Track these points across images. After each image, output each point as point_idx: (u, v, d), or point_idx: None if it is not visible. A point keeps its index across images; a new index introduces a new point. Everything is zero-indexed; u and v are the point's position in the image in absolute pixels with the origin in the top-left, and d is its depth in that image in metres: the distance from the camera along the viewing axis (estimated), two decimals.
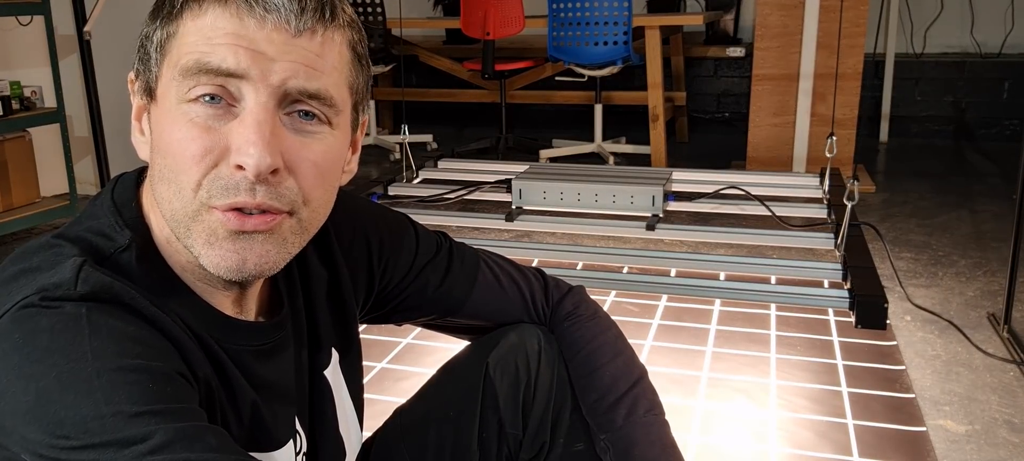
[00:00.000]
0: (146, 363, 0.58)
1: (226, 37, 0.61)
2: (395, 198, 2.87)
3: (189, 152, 0.62)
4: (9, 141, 2.97)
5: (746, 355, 1.99)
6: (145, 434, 0.54)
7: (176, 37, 0.63)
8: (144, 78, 0.66)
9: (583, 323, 0.97)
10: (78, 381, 0.55)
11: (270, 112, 0.62)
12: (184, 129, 0.62)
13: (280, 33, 0.62)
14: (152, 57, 0.65)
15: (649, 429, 0.89)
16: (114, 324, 0.59)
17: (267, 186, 0.62)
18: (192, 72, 0.61)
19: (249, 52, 0.61)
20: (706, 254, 2.59)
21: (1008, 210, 3.13)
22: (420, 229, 0.94)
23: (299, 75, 0.63)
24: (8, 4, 2.86)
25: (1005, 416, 1.69)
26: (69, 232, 0.66)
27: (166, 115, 0.63)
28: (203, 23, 0.61)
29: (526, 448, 0.93)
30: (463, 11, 4.09)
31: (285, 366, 0.76)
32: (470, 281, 0.94)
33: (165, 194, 0.64)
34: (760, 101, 3.66)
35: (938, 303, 2.28)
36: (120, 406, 0.55)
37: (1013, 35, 4.62)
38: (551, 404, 0.93)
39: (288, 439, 0.75)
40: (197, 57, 0.61)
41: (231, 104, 0.62)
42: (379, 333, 2.09)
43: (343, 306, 0.84)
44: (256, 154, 0.60)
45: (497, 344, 0.94)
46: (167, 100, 0.63)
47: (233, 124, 0.62)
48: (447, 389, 0.97)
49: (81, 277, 0.60)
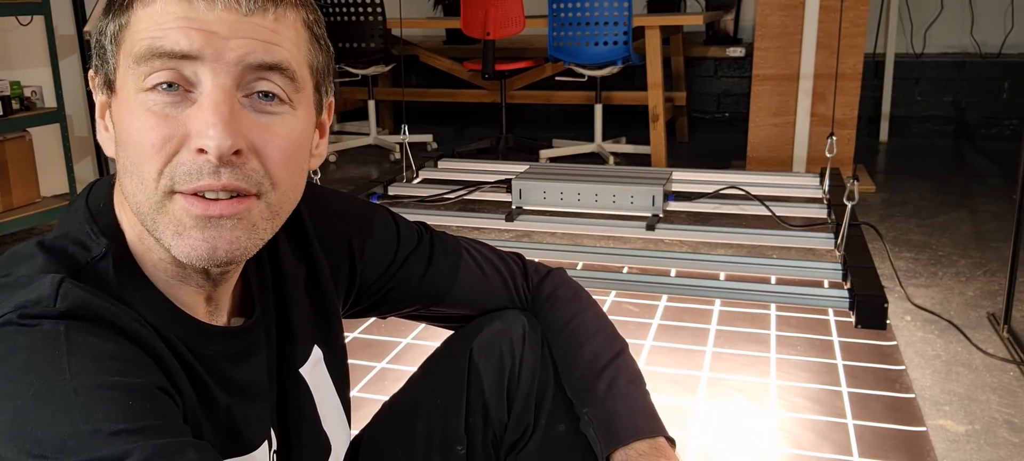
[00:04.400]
0: (125, 380, 0.57)
1: (177, 21, 0.60)
2: (395, 198, 2.87)
3: (148, 141, 0.61)
4: (9, 141, 2.97)
5: (746, 355, 1.99)
6: (123, 452, 0.53)
7: (128, 27, 0.63)
8: (102, 73, 0.66)
9: (563, 303, 0.98)
10: (55, 399, 0.54)
11: (228, 93, 0.61)
12: (142, 119, 0.61)
13: (230, 13, 0.61)
14: (107, 50, 0.65)
15: (631, 400, 0.90)
16: (93, 341, 0.58)
17: (231, 168, 0.61)
18: (145, 58, 0.61)
19: (201, 32, 0.60)
20: (706, 254, 2.59)
21: (1008, 210, 3.13)
22: (400, 220, 0.94)
23: (256, 50, 0.62)
24: (8, 4, 2.86)
25: (1005, 416, 1.69)
26: (47, 241, 0.65)
27: (125, 106, 0.63)
28: (153, 10, 0.61)
29: (511, 431, 0.93)
30: (463, 11, 4.09)
31: (258, 368, 0.75)
32: (453, 270, 0.94)
33: (129, 187, 0.63)
34: (760, 101, 3.66)
35: (938, 303, 2.28)
36: (98, 424, 0.54)
37: (1013, 35, 4.62)
38: (535, 387, 0.93)
39: (263, 440, 0.75)
40: (148, 42, 0.61)
41: (188, 90, 0.61)
42: (379, 333, 2.09)
43: (324, 301, 0.84)
44: (216, 135, 0.60)
45: (481, 330, 0.94)
46: (125, 91, 0.63)
47: (191, 109, 0.61)
48: (433, 378, 0.97)
49: (60, 293, 0.59)
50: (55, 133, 3.06)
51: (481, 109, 5.16)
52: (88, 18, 2.91)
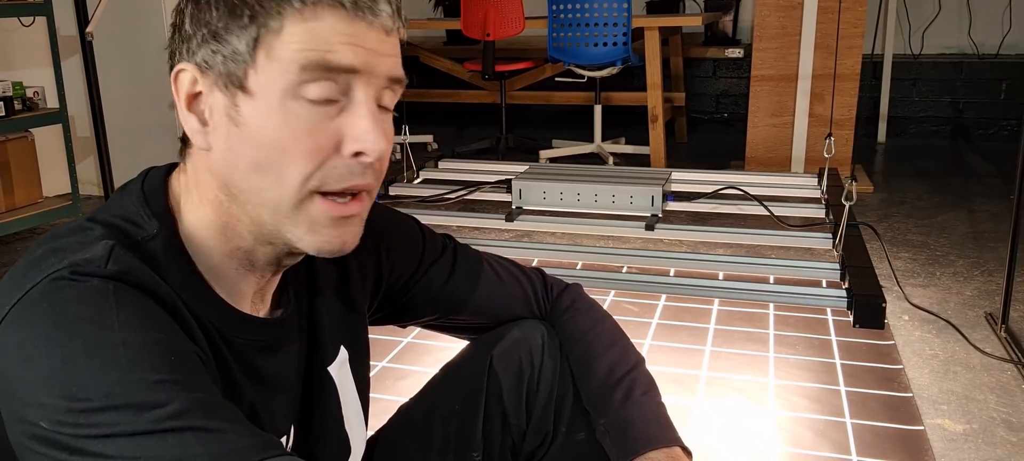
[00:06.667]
0: (169, 337, 0.62)
1: (344, 37, 0.66)
2: (396, 198, 2.88)
3: (304, 146, 0.66)
4: (12, 141, 2.98)
5: (745, 354, 2.00)
6: (166, 400, 0.57)
7: (280, 34, 0.65)
8: (224, 69, 0.66)
9: (581, 315, 1.00)
10: (104, 348, 0.58)
11: (376, 103, 0.69)
12: (295, 124, 0.66)
13: (381, 33, 0.68)
14: (241, 52, 0.65)
15: (645, 409, 0.92)
16: (140, 300, 0.62)
17: (371, 170, 0.69)
18: (312, 68, 0.65)
19: (364, 50, 0.66)
20: (705, 254, 2.60)
21: (1006, 210, 3.15)
22: (426, 230, 0.96)
23: (396, 67, 0.70)
24: (11, 5, 2.87)
25: (1002, 415, 1.70)
26: (99, 216, 0.68)
27: (266, 108, 0.66)
28: (320, 25, 0.65)
29: (529, 439, 0.95)
30: (463, 12, 4.10)
31: (287, 361, 0.78)
32: (474, 279, 0.96)
33: (260, 184, 0.67)
34: (759, 101, 3.67)
35: (936, 303, 2.29)
36: (144, 373, 0.58)
37: (1011, 36, 4.64)
38: (553, 395, 0.95)
39: (281, 435, 0.77)
40: (319, 55, 0.65)
41: (337, 100, 0.67)
42: (379, 333, 2.10)
43: (353, 303, 0.86)
44: (376, 141, 0.67)
45: (501, 339, 0.96)
46: (269, 93, 0.65)
47: (344, 118, 0.67)
48: (451, 384, 0.99)
49: (112, 257, 0.63)
50: (57, 133, 3.07)
51: (481, 109, 5.17)
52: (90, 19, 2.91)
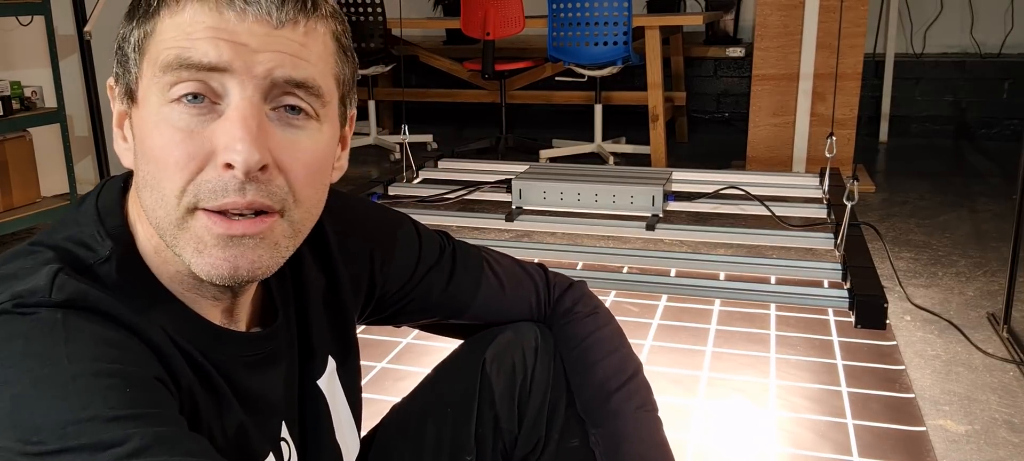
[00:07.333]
0: (123, 368, 0.56)
1: (206, 30, 0.59)
2: (395, 198, 2.87)
3: (172, 157, 0.59)
4: (9, 141, 2.98)
5: (746, 355, 1.99)
6: (122, 438, 0.53)
7: (154, 35, 0.61)
8: (124, 81, 0.64)
9: (580, 319, 0.97)
10: (54, 386, 0.54)
11: (256, 106, 0.60)
12: (166, 133, 0.60)
13: (261, 25, 0.60)
14: (130, 58, 0.63)
15: (639, 425, 0.90)
16: (91, 329, 0.57)
17: (256, 184, 0.60)
18: (172, 67, 0.59)
19: (230, 44, 0.59)
20: (706, 254, 2.59)
21: (1008, 210, 3.14)
22: (422, 230, 0.93)
23: (285, 65, 0.61)
24: (9, 4, 2.86)
25: (1005, 416, 1.69)
26: (48, 239, 0.64)
27: (147, 118, 0.61)
28: (182, 19, 0.60)
29: (522, 444, 0.93)
30: (463, 11, 4.10)
31: (275, 377, 0.74)
32: (474, 285, 0.93)
33: (149, 201, 0.62)
34: (760, 101, 3.66)
35: (938, 303, 2.28)
36: (97, 410, 0.53)
37: (1013, 35, 4.63)
38: (547, 400, 0.93)
39: (269, 452, 0.73)
40: (177, 52, 0.59)
41: (214, 102, 0.60)
42: (379, 333, 2.09)
43: (341, 312, 0.83)
44: (244, 150, 0.58)
45: (494, 340, 0.94)
46: (148, 102, 0.61)
47: (218, 123, 0.60)
48: (444, 385, 0.97)
49: (56, 284, 0.58)
50: (55, 133, 3.06)
51: (481, 109, 5.16)
52: (88, 18, 2.90)
